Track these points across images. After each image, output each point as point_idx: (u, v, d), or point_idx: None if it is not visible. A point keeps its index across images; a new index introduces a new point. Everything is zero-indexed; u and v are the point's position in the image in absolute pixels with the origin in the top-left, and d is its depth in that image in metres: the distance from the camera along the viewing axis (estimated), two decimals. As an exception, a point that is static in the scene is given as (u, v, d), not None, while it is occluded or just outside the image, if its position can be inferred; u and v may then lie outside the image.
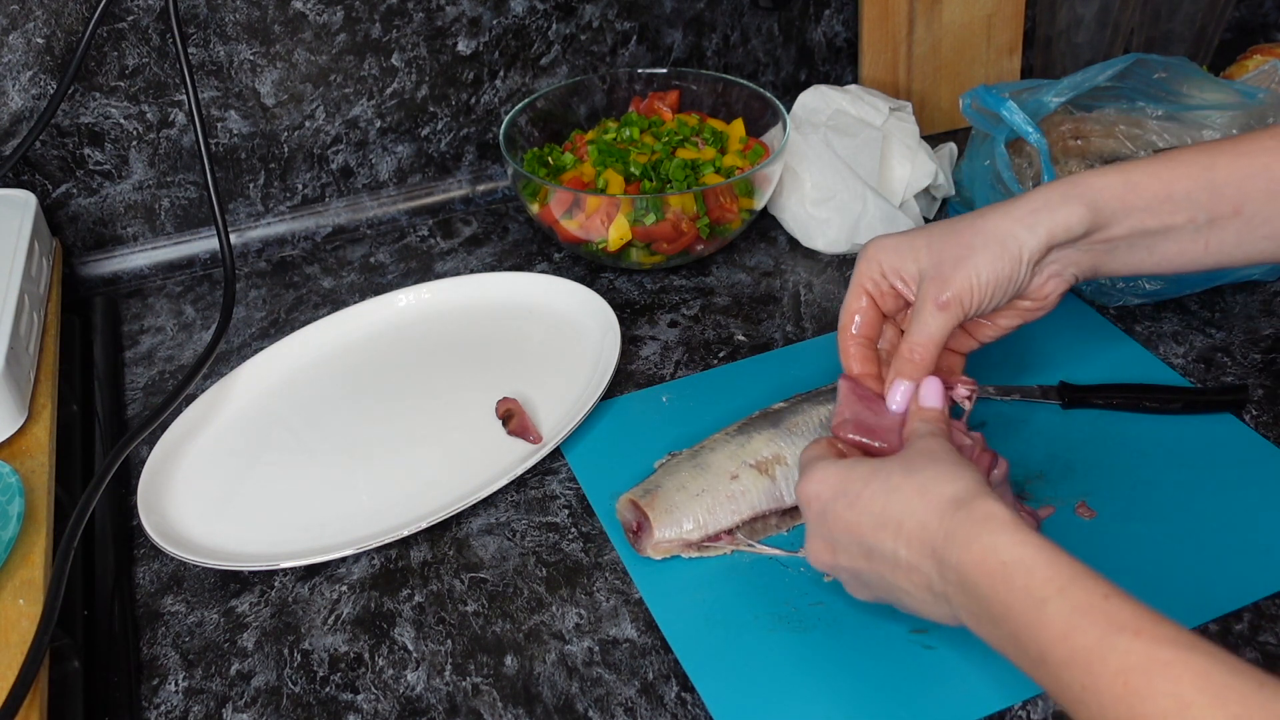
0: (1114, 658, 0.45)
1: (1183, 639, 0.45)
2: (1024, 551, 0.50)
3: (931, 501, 0.54)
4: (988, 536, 0.51)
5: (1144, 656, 0.45)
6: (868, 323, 0.67)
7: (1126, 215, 0.63)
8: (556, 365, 0.85)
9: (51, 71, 0.90)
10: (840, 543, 0.58)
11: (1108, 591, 0.48)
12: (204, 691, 0.64)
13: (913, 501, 0.54)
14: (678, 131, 0.99)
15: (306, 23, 0.96)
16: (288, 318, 0.94)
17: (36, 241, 0.86)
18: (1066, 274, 0.66)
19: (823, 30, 1.14)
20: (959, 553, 0.52)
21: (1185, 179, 0.62)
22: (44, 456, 0.73)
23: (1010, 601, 0.49)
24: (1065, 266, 0.65)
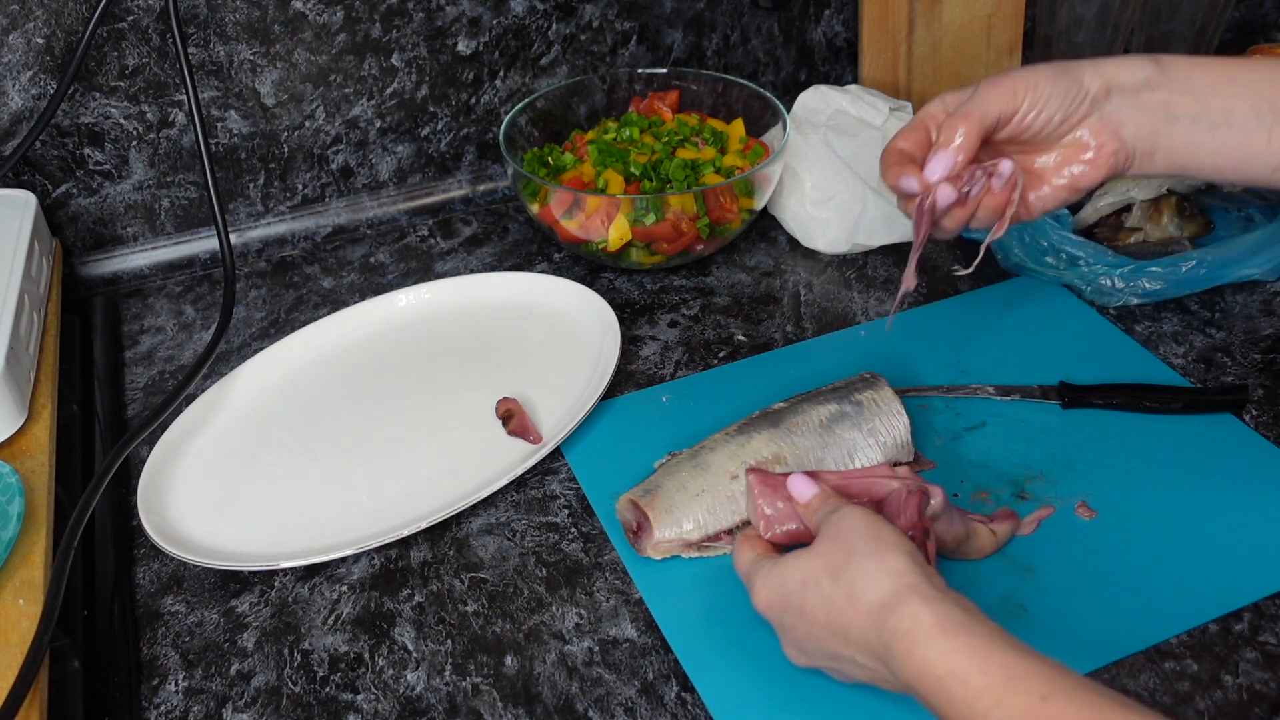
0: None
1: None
2: (954, 662, 0.49)
3: (863, 612, 0.53)
4: (919, 651, 0.50)
5: None
6: (917, 143, 0.66)
7: (1190, 86, 0.62)
8: (556, 365, 0.85)
9: (51, 71, 0.90)
10: (806, 649, 0.58)
11: (1046, 693, 0.46)
12: (204, 691, 0.64)
13: (848, 613, 0.54)
14: (678, 131, 0.99)
15: (306, 23, 0.96)
16: (288, 318, 0.94)
17: (36, 241, 0.86)
18: (1124, 129, 0.63)
19: (823, 30, 1.14)
20: (900, 667, 0.51)
21: (1252, 69, 0.61)
22: (44, 456, 0.73)
23: (955, 715, 0.49)
24: (1123, 120, 0.63)
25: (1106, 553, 0.68)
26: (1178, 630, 0.63)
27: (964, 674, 0.48)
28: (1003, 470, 0.74)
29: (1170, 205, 0.91)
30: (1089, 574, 0.67)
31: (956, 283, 0.93)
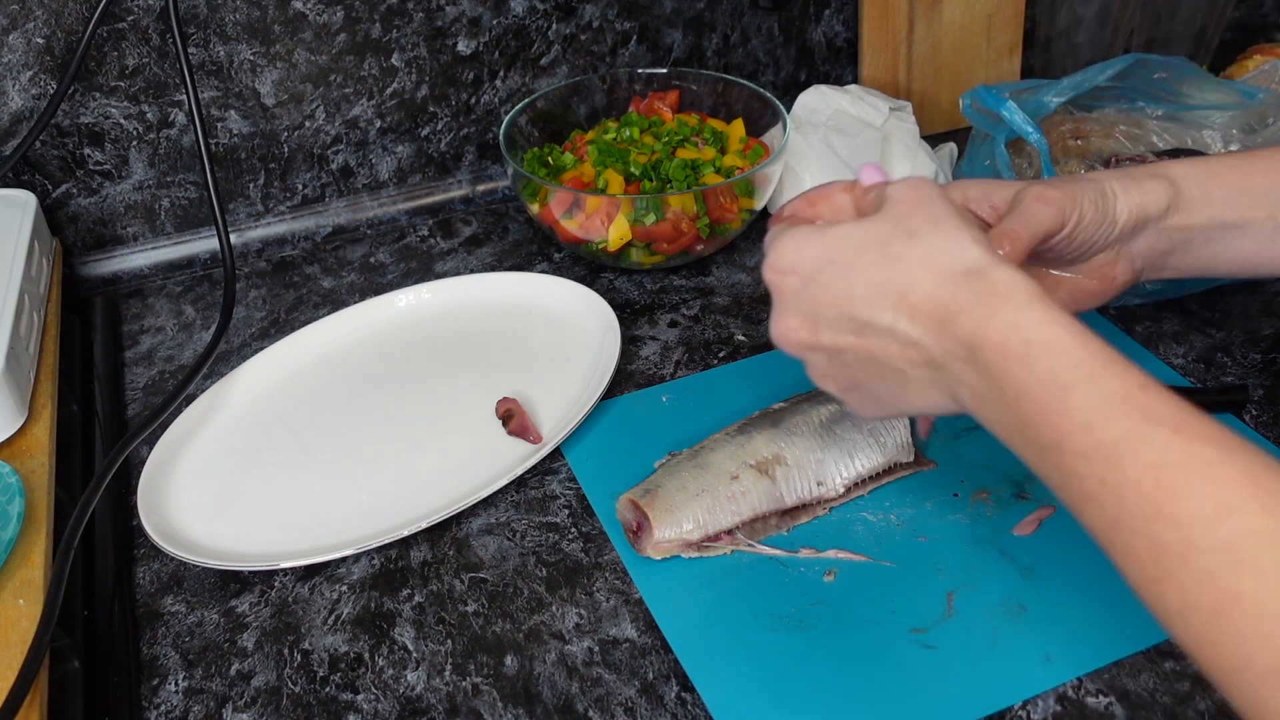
0: (1147, 452, 0.42)
1: (1228, 439, 0.41)
2: (1053, 332, 0.46)
3: (942, 271, 0.49)
4: (1010, 312, 0.47)
5: (1183, 454, 0.42)
6: None
7: (1206, 204, 0.61)
8: (556, 365, 0.85)
9: (51, 71, 0.90)
10: (824, 317, 0.52)
11: (1144, 382, 0.44)
12: (204, 691, 0.64)
13: (918, 271, 0.49)
14: (678, 131, 0.99)
15: (306, 23, 0.96)
16: (288, 318, 0.94)
17: (36, 241, 0.86)
18: (1138, 261, 0.62)
19: (823, 30, 1.14)
20: (974, 327, 0.47)
21: (1267, 174, 0.60)
22: (44, 456, 0.74)
23: (1029, 385, 0.46)
24: (1139, 252, 0.62)
25: (1106, 553, 0.68)
26: (1178, 630, 0.63)
27: (1059, 345, 0.45)
28: (1003, 470, 0.74)
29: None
30: (1089, 574, 0.67)
31: (956, 283, 0.93)
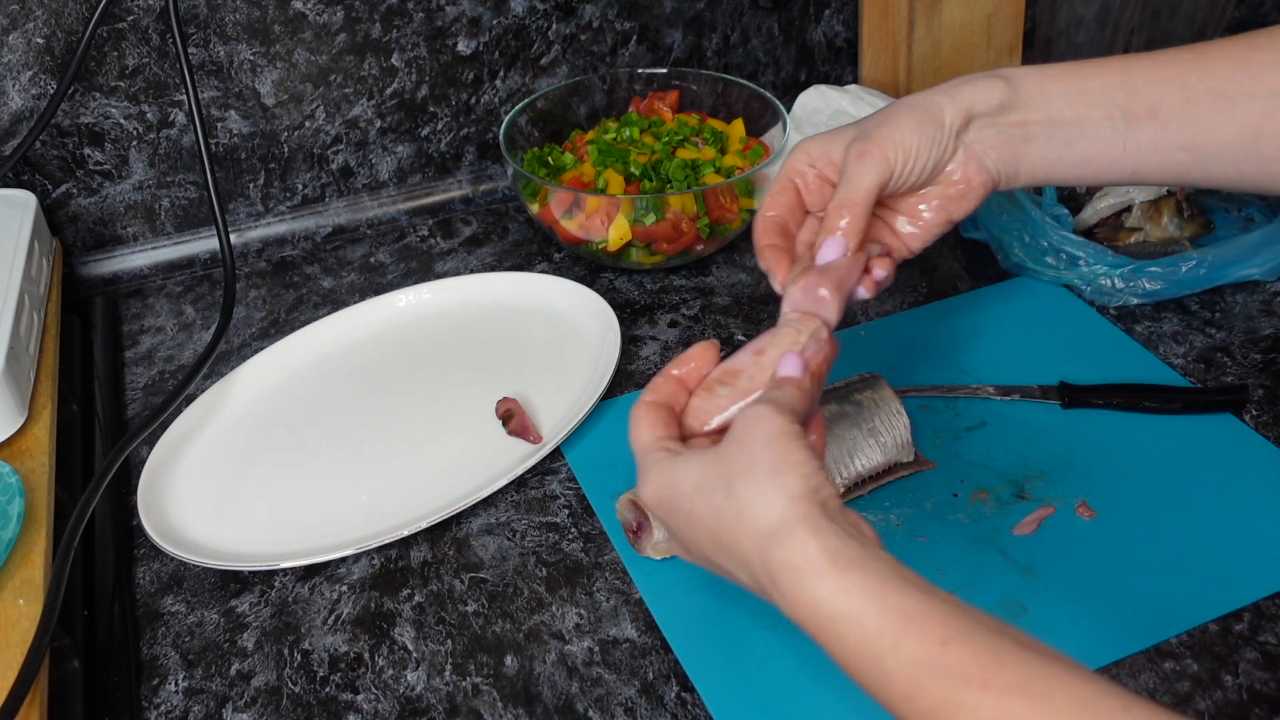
0: (964, 715, 0.42)
1: (1035, 686, 0.42)
2: (850, 601, 0.46)
3: (750, 535, 0.50)
4: (808, 589, 0.47)
5: (994, 711, 0.42)
6: (788, 208, 0.65)
7: (1044, 100, 0.62)
8: (556, 365, 0.85)
9: (51, 71, 0.90)
10: (692, 551, 0.55)
11: (945, 637, 0.44)
12: (204, 691, 0.64)
13: (734, 530, 0.50)
14: (678, 131, 0.99)
15: (306, 23, 0.96)
16: (288, 318, 0.94)
17: (36, 241, 0.86)
18: (986, 159, 0.64)
19: (823, 30, 1.14)
20: (789, 605, 0.48)
21: (1101, 76, 0.62)
22: (44, 456, 0.73)
23: (848, 657, 0.46)
24: (985, 149, 0.64)
25: (1106, 553, 0.68)
26: (1178, 630, 0.63)
27: (858, 615, 0.45)
28: (1003, 470, 0.74)
29: (1170, 205, 0.91)
30: (1089, 574, 0.67)
31: (956, 282, 0.93)
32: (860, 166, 0.61)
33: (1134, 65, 0.62)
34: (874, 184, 0.61)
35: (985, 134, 0.63)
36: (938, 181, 0.64)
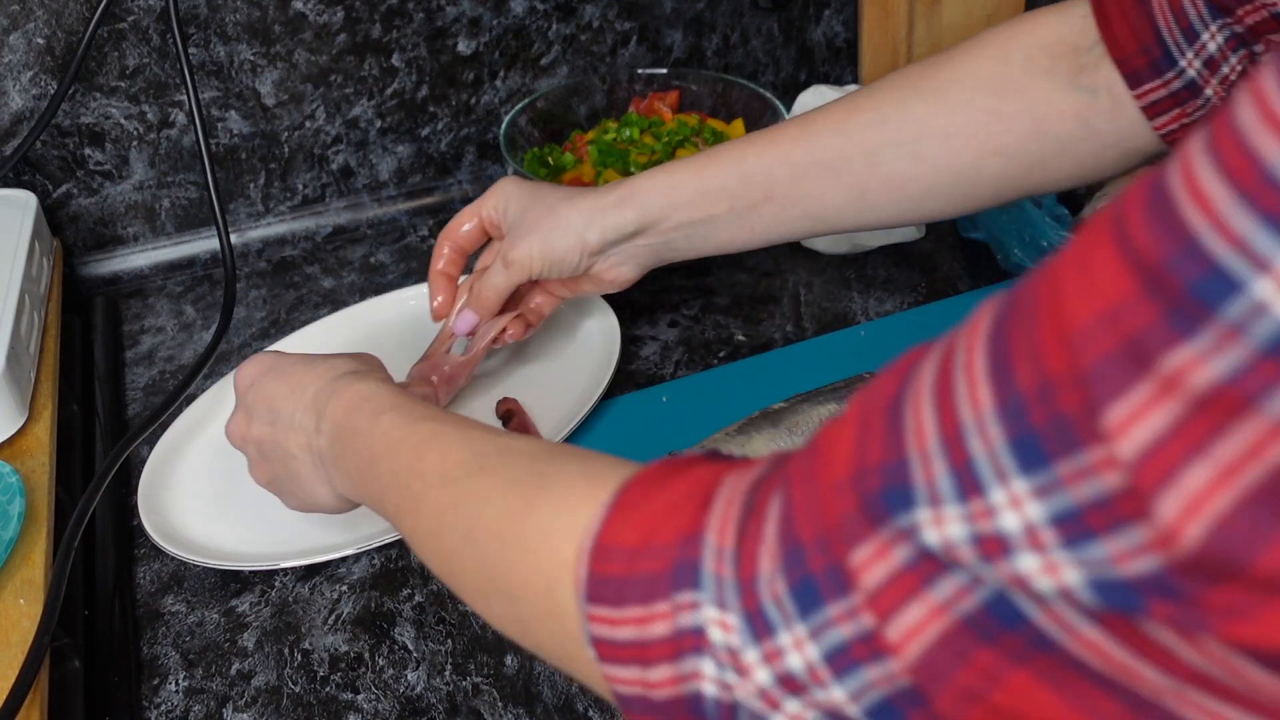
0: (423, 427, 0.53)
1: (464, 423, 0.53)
2: (381, 389, 0.58)
3: (331, 370, 0.62)
4: (359, 384, 0.59)
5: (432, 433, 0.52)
6: (471, 239, 0.78)
7: (674, 211, 0.71)
8: (556, 365, 0.85)
9: (52, 72, 0.90)
10: (256, 412, 0.63)
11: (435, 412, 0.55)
12: (204, 691, 0.64)
13: (320, 370, 0.62)
14: (678, 132, 0.99)
15: (307, 23, 0.96)
16: (288, 318, 0.94)
17: (37, 241, 0.86)
18: (631, 263, 0.75)
19: (822, 30, 1.14)
20: (334, 404, 0.59)
21: (720, 173, 0.70)
22: (44, 456, 0.74)
23: (358, 423, 0.56)
24: (629, 257, 0.74)
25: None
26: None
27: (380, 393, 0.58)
28: (1002, 470, 0.74)
29: (1170, 205, 0.91)
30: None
31: (956, 283, 0.93)
32: (502, 271, 0.75)
33: (749, 151, 0.70)
34: (510, 286, 0.75)
35: (626, 248, 0.73)
36: (587, 275, 0.76)
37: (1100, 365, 0.27)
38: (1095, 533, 0.28)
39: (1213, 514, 0.26)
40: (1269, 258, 0.24)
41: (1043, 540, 0.29)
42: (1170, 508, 0.26)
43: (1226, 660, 0.27)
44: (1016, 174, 0.68)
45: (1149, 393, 0.27)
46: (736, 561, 0.37)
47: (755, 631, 0.36)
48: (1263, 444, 0.25)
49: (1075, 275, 0.29)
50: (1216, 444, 0.25)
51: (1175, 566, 0.26)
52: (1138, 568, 0.27)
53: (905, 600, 0.32)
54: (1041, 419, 0.29)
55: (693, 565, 0.38)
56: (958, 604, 0.31)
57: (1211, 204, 0.26)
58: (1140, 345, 0.27)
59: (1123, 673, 0.29)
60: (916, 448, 0.32)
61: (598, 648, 0.40)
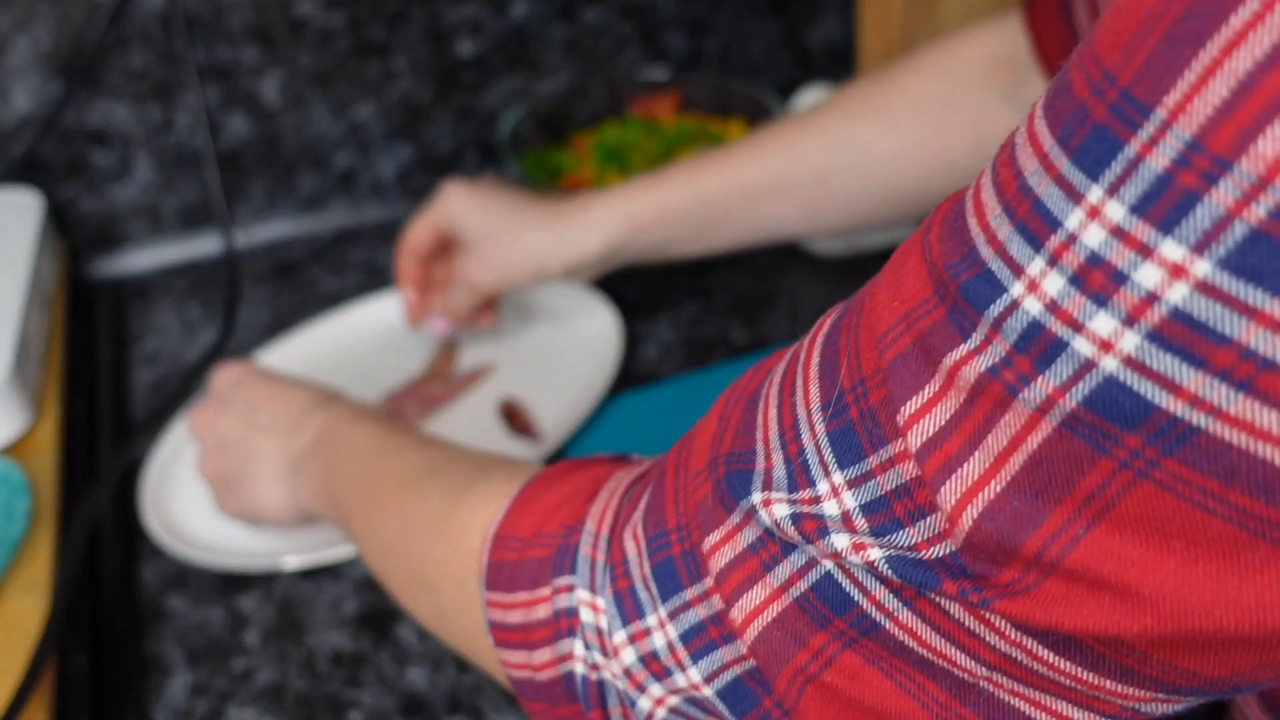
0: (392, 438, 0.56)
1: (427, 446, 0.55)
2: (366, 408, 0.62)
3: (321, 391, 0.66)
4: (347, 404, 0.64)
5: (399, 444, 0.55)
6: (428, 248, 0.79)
7: (634, 238, 0.74)
8: (556, 365, 0.85)
9: (58, 74, 0.91)
10: (233, 407, 0.66)
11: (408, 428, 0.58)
12: (208, 688, 0.65)
13: (310, 389, 0.66)
14: (678, 133, 1.00)
15: (310, 26, 0.96)
16: (291, 318, 0.94)
17: (43, 242, 0.87)
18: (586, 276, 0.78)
19: (821, 32, 1.15)
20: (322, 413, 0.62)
21: (676, 198, 0.72)
22: (50, 456, 0.74)
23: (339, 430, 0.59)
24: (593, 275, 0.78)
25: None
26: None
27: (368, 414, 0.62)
28: (999, 469, 0.74)
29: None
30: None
31: (955, 283, 0.93)
32: (471, 295, 0.78)
33: (703, 176, 0.72)
34: (466, 308, 0.79)
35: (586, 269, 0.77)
36: None
37: (897, 362, 0.30)
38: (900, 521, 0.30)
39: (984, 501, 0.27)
40: (1021, 262, 0.26)
41: (855, 526, 0.31)
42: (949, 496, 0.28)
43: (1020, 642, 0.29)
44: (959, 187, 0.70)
45: (935, 388, 0.28)
46: (609, 547, 0.39)
47: (625, 613, 0.37)
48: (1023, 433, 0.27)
49: (889, 281, 0.31)
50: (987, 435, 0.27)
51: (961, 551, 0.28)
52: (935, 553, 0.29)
53: (748, 583, 0.34)
54: (856, 413, 0.31)
55: (571, 551, 0.40)
56: (792, 587, 0.33)
57: (985, 214, 0.28)
58: (928, 343, 0.29)
59: (941, 657, 0.31)
60: (762, 440, 0.34)
61: (494, 633, 0.42)
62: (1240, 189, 0.23)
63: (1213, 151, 0.23)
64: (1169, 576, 0.25)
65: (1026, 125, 0.28)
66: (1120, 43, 0.25)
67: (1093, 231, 0.25)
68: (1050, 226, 0.26)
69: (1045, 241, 0.26)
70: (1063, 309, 0.25)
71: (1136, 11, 0.25)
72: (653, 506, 0.38)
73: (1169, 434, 0.24)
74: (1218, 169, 0.23)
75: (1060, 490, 0.26)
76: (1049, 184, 0.26)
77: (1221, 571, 0.25)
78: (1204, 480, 0.24)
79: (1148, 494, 0.25)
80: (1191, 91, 0.23)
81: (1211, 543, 0.25)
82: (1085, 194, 0.25)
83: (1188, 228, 0.23)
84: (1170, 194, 0.24)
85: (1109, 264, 0.25)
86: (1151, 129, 0.24)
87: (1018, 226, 0.27)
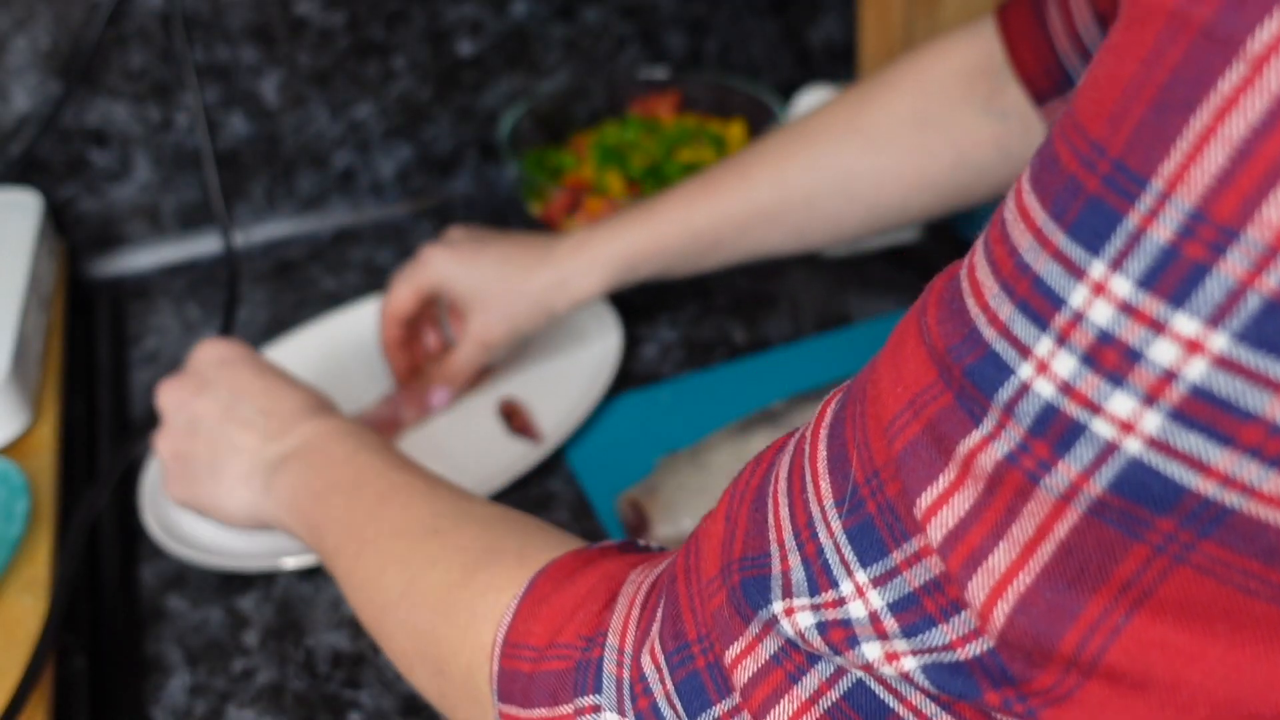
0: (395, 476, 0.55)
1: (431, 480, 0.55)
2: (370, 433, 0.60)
3: (319, 398, 0.64)
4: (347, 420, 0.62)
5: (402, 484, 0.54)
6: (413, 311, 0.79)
7: (631, 272, 0.75)
8: (556, 365, 0.85)
9: (57, 73, 0.91)
10: (214, 390, 0.63)
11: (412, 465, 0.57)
12: (208, 689, 0.65)
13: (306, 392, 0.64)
14: (678, 133, 1.00)
15: (309, 25, 0.96)
16: (291, 318, 0.94)
17: (42, 242, 0.87)
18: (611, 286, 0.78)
19: (821, 32, 1.14)
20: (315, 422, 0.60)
21: (669, 232, 0.74)
22: (49, 456, 0.74)
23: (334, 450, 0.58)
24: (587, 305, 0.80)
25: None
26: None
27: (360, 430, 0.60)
28: (1000, 470, 0.74)
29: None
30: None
31: (955, 283, 0.93)
32: (479, 352, 0.78)
33: (693, 209, 0.73)
34: (478, 365, 0.79)
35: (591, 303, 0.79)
36: None
37: (908, 451, 0.28)
38: (933, 618, 0.28)
39: (1015, 594, 0.26)
40: (1028, 343, 0.25)
41: (885, 628, 0.29)
42: (979, 590, 0.27)
43: None
44: (941, 203, 0.72)
45: (950, 477, 0.27)
46: (633, 663, 0.37)
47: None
48: (1049, 522, 0.26)
49: (889, 366, 0.30)
50: (1011, 524, 0.26)
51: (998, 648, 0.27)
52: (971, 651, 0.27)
53: (775, 696, 0.33)
54: (874, 508, 0.29)
55: (594, 667, 0.38)
56: (822, 697, 0.32)
57: (983, 293, 0.27)
58: (939, 431, 0.28)
59: None
60: (776, 540, 0.33)
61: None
62: (1250, 258, 0.22)
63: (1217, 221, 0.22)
64: (1218, 663, 0.25)
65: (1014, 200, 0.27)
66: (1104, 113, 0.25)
67: (1100, 308, 0.24)
68: (1054, 305, 0.25)
69: (1050, 320, 0.25)
70: (1077, 390, 0.25)
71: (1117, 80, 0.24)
72: (669, 617, 0.37)
73: (1202, 516, 0.24)
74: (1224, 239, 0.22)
75: (1095, 579, 0.25)
76: (1047, 260, 0.25)
77: (1272, 653, 0.24)
78: (1244, 561, 0.24)
79: (1186, 579, 0.24)
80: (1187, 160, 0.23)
81: (1257, 625, 0.24)
82: (1087, 269, 0.24)
83: (1199, 301, 0.23)
84: (1177, 266, 0.23)
85: (1121, 341, 0.24)
86: (1150, 200, 0.23)
87: (1019, 305, 0.26)
